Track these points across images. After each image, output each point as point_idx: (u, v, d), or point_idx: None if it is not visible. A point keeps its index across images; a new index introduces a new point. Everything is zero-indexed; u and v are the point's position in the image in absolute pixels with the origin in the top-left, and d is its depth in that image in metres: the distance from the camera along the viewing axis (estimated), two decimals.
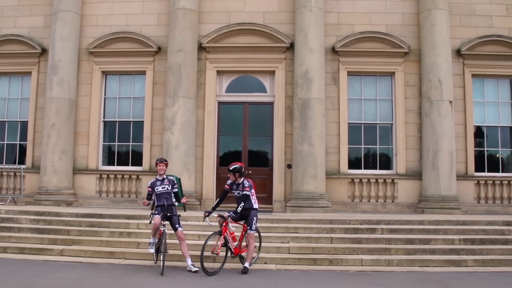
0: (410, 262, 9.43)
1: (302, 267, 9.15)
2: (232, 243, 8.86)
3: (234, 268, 8.91)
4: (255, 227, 8.89)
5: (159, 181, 9.20)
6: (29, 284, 7.40)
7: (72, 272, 8.39)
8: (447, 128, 13.77)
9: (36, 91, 14.97)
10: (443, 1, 14.23)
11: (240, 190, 8.98)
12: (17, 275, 8.01)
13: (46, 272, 8.28)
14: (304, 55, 13.92)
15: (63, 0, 14.58)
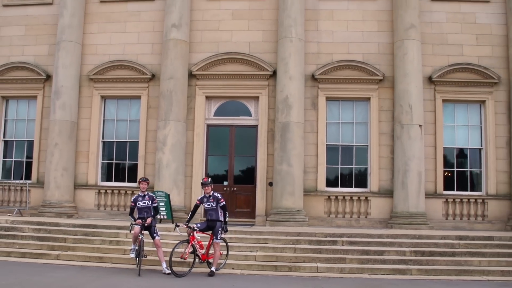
0: (361, 270, 11.03)
1: (264, 273, 10.81)
2: (199, 250, 10.58)
3: (203, 272, 10.61)
4: (220, 237, 10.60)
5: (140, 197, 10.99)
6: (25, 280, 9.18)
7: (64, 272, 10.16)
8: (416, 150, 15.37)
9: (41, 114, 16.93)
10: (415, 32, 15.89)
11: (212, 201, 10.71)
12: (16, 274, 9.80)
13: (42, 272, 10.07)
14: (284, 83, 15.70)
15: (65, 31, 16.56)
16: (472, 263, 11.47)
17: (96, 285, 9.15)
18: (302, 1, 16.24)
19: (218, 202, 10.75)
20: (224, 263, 11.06)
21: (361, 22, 16.62)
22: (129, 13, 17.18)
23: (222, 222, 10.73)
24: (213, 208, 10.72)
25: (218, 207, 10.73)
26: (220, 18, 16.84)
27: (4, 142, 17.38)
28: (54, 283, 9.13)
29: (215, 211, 10.71)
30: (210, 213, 10.77)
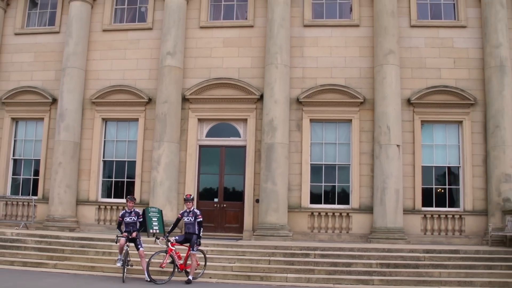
0: (326, 280, 12.26)
1: (237, 281, 12.11)
2: (177, 261, 11.92)
3: (182, 280, 11.94)
4: (196, 249, 11.92)
5: (127, 213, 12.40)
6: (21, 284, 10.65)
7: (58, 279, 11.61)
8: (393, 169, 16.51)
9: (48, 134, 18.55)
10: (394, 57, 17.12)
11: (191, 216, 12.07)
12: (15, 279, 11.26)
13: (38, 278, 11.53)
14: (270, 106, 17.04)
15: (70, 58, 18.22)
16: (433, 275, 12.60)
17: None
18: (288, 29, 17.63)
19: (196, 217, 12.11)
20: (202, 273, 12.37)
21: (344, 48, 17.93)
22: (129, 41, 18.78)
23: (199, 235, 12.03)
24: (191, 222, 12.07)
25: (195, 222, 12.06)
26: (212, 45, 18.33)
27: (14, 161, 19.05)
28: (47, 287, 10.52)
29: (192, 225, 12.06)
30: (188, 226, 12.12)
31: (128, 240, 12.03)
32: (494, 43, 17.05)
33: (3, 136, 18.86)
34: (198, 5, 18.62)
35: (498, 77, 16.80)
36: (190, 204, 12.41)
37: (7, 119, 18.95)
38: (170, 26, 17.89)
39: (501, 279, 12.35)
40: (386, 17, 17.28)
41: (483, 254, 13.83)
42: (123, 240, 11.97)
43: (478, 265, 13.15)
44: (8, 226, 17.52)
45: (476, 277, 12.43)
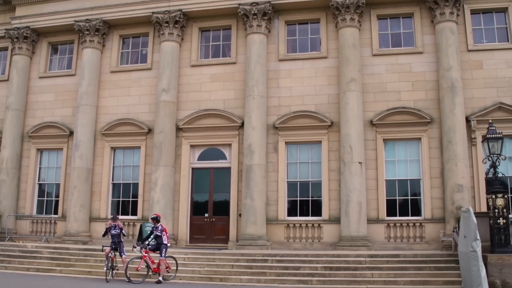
0: (273, 281, 15.10)
1: (201, 282, 15.20)
2: (151, 265, 14.97)
3: (154, 281, 14.98)
4: (164, 255, 14.97)
5: (113, 227, 15.69)
6: (29, 284, 13.98)
7: (58, 281, 15.12)
8: (356, 183, 19.05)
9: (66, 162, 22.31)
10: (355, 84, 19.74)
11: (159, 231, 15.21)
12: (24, 281, 14.75)
13: (43, 281, 15.09)
14: (248, 132, 20.03)
15: (83, 97, 21.92)
16: (366, 276, 15.24)
17: (73, 286, 13.74)
18: (264, 65, 20.66)
19: (163, 231, 15.17)
20: (174, 276, 15.47)
21: (314, 78, 20.76)
22: (132, 80, 22.34)
23: (166, 244, 15.08)
24: (159, 235, 15.15)
25: (162, 234, 15.07)
26: (202, 81, 21.61)
27: (39, 185, 22.95)
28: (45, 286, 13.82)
29: (160, 237, 15.09)
30: (157, 238, 15.13)
31: (112, 249, 15.19)
32: (445, 66, 19.44)
33: (30, 164, 22.81)
34: (189, 46, 22.00)
35: (449, 97, 19.13)
36: (155, 222, 15.62)
37: (33, 150, 22.96)
38: (164, 67, 21.29)
39: (423, 278, 14.84)
40: (348, 49, 19.99)
41: (420, 257, 16.22)
42: (108, 249, 15.26)
43: (410, 267, 15.64)
44: (33, 241, 21.29)
45: (402, 277, 14.96)
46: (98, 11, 22.42)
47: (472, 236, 13.35)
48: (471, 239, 13.36)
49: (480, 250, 13.28)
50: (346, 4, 20.06)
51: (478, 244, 13.16)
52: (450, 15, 19.67)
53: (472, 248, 13.21)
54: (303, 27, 21.53)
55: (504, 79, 19.57)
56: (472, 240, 13.27)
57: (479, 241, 13.22)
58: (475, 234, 13.25)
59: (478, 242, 13.19)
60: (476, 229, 13.31)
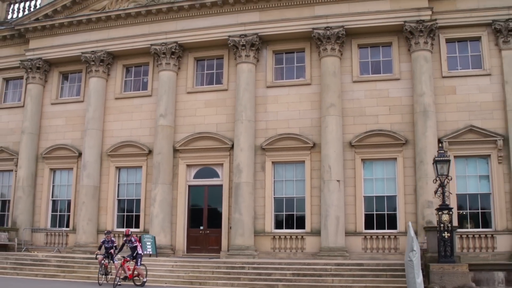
0: (245, 285, 18.14)
1: (182, 286, 18.32)
2: (127, 272, 18.35)
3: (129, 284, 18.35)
4: (140, 263, 18.23)
5: (106, 241, 19.06)
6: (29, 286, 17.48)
7: (59, 284, 18.39)
8: (334, 200, 22.03)
9: (76, 180, 25.85)
10: (335, 109, 22.74)
11: (131, 243, 18.43)
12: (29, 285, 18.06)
13: (45, 284, 18.36)
14: (237, 153, 23.27)
15: (90, 122, 25.47)
16: (327, 281, 18.16)
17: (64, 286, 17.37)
18: (252, 91, 23.87)
19: (136, 242, 18.47)
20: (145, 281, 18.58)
21: (298, 103, 23.85)
22: (134, 106, 25.83)
23: (141, 254, 18.44)
24: (133, 246, 18.42)
25: (138, 246, 18.41)
26: (196, 106, 24.92)
27: (52, 201, 26.51)
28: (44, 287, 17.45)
29: (136, 248, 18.40)
30: (133, 249, 18.44)
31: (105, 257, 18.72)
32: (419, 92, 22.22)
33: (44, 182, 26.45)
34: (186, 75, 25.38)
35: (422, 120, 21.94)
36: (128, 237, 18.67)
37: (46, 169, 26.55)
38: (162, 94, 24.73)
39: (377, 284, 17.70)
40: (329, 77, 23.06)
41: (382, 266, 19.10)
42: (101, 257, 18.67)
43: (369, 274, 18.50)
44: (47, 251, 24.75)
45: (358, 283, 17.79)
46: (103, 43, 25.93)
47: (409, 247, 16.41)
48: (408, 250, 16.42)
49: (418, 260, 16.26)
50: (327, 35, 23.16)
51: (414, 254, 16.02)
52: (424, 44, 22.50)
53: (409, 258, 16.14)
54: (289, 56, 24.60)
55: (476, 103, 22.19)
56: (409, 251, 16.18)
57: (415, 251, 16.05)
58: (411, 245, 16.17)
59: (415, 253, 16.03)
60: (413, 241, 16.23)
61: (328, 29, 23.18)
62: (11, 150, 27.25)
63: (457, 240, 21.14)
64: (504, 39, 22.30)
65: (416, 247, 16.33)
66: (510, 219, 21.15)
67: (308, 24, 23.70)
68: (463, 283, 16.85)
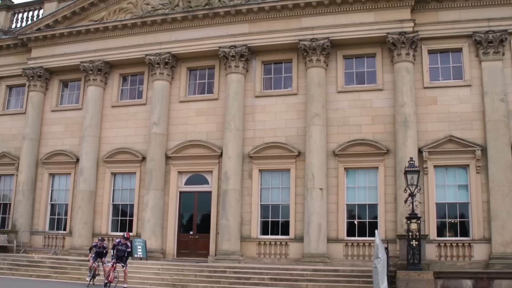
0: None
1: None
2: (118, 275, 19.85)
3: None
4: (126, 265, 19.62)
5: (97, 246, 20.59)
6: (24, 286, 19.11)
7: (49, 284, 20.00)
8: (317, 207, 23.26)
9: (73, 185, 27.53)
10: (319, 119, 23.96)
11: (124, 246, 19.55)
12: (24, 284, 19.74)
13: (36, 283, 19.99)
14: (225, 161, 24.69)
15: (87, 129, 27.12)
16: (301, 286, 19.51)
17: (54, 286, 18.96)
18: (241, 101, 25.23)
19: (127, 247, 19.75)
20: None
21: (285, 112, 25.16)
22: (129, 114, 27.41)
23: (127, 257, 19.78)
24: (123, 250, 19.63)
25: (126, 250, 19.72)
26: (188, 115, 26.39)
27: (51, 205, 28.27)
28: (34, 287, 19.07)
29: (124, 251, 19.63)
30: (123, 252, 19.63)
31: (95, 260, 20.26)
32: (400, 103, 23.30)
33: (43, 187, 28.19)
34: (179, 84, 26.87)
35: (402, 130, 23.03)
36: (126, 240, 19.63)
37: (45, 174, 28.29)
38: (155, 103, 26.26)
39: None
40: (314, 87, 24.30)
41: (356, 273, 20.33)
42: (91, 261, 20.23)
43: (342, 280, 19.77)
44: (44, 253, 26.40)
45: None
46: (101, 53, 27.52)
47: (375, 254, 17.72)
48: (374, 257, 17.73)
49: (383, 266, 17.56)
50: (313, 47, 24.40)
51: (379, 261, 17.34)
52: (406, 55, 23.59)
53: (374, 264, 17.53)
54: (277, 66, 25.85)
55: (456, 114, 23.18)
56: (375, 258, 17.56)
57: (380, 258, 17.36)
58: (377, 253, 17.49)
59: (379, 260, 17.34)
60: (378, 248, 17.58)
61: (313, 41, 24.42)
62: (12, 155, 29.07)
63: (435, 248, 22.41)
64: (484, 50, 23.23)
65: (381, 254, 17.62)
66: (487, 228, 22.05)
67: (295, 35, 24.96)
68: None
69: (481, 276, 19.33)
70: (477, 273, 19.72)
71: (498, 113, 22.65)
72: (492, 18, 23.37)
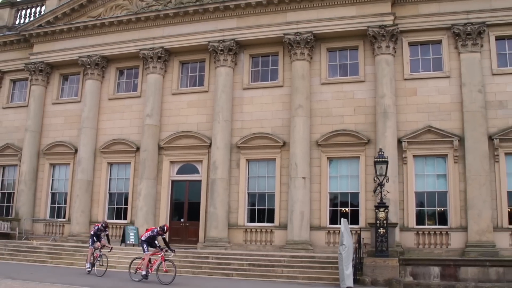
0: (204, 273, 20.73)
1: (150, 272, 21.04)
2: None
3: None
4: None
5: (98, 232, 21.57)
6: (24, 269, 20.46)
7: (47, 269, 21.36)
8: (299, 196, 24.28)
9: (72, 175, 28.99)
10: (302, 110, 24.91)
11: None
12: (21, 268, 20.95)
13: (35, 268, 21.37)
14: (214, 151, 25.85)
15: (85, 121, 28.53)
16: (277, 271, 20.55)
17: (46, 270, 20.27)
18: (230, 93, 26.33)
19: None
20: None
21: (271, 104, 26.18)
22: (125, 106, 28.72)
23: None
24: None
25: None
26: (180, 107, 27.60)
27: (52, 194, 29.78)
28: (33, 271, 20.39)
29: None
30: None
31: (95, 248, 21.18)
32: (380, 94, 24.16)
33: (44, 176, 29.75)
34: (171, 77, 28.08)
35: (382, 121, 23.90)
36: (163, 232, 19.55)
37: (46, 164, 29.85)
38: (149, 95, 27.51)
39: (320, 275, 19.93)
40: (298, 79, 25.27)
41: (332, 259, 21.15)
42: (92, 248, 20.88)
43: (316, 266, 20.82)
44: (44, 240, 28.00)
45: (304, 274, 20.11)
46: (98, 48, 28.92)
47: (340, 241, 18.66)
48: (339, 244, 18.68)
49: (347, 253, 18.46)
50: (297, 40, 25.32)
51: (343, 248, 18.26)
52: (386, 48, 24.39)
53: (339, 251, 18.49)
54: (265, 60, 26.93)
55: (435, 104, 23.99)
56: (340, 245, 18.54)
57: (344, 245, 18.28)
58: (341, 240, 18.47)
59: (344, 247, 18.27)
60: (342, 236, 18.46)
61: (297, 35, 25.35)
62: (16, 147, 30.71)
63: (414, 236, 23.34)
64: (463, 42, 23.90)
65: (346, 241, 18.57)
66: (464, 216, 22.86)
67: (280, 30, 25.96)
68: (392, 276, 19.01)
69: (448, 263, 20.12)
70: (444, 260, 20.52)
71: (475, 104, 23.31)
72: (470, 11, 24.01)
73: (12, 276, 18.35)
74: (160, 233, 18.98)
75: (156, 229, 19.11)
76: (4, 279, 17.57)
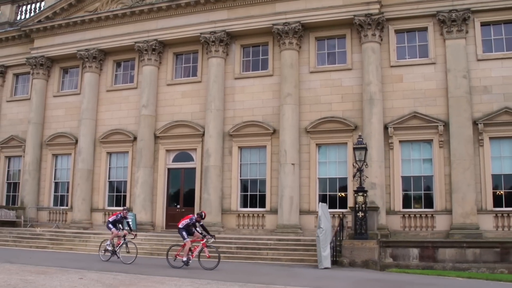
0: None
1: (143, 256, 21.94)
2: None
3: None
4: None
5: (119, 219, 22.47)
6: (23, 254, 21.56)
7: (46, 254, 22.42)
8: (289, 181, 25.10)
9: (73, 165, 30.11)
10: (291, 98, 25.65)
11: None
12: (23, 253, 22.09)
13: (35, 253, 22.48)
14: (207, 139, 26.74)
15: (84, 112, 29.58)
16: (262, 254, 21.51)
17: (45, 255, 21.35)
18: (221, 83, 27.16)
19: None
20: None
21: (262, 93, 26.96)
22: (123, 97, 29.71)
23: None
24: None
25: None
26: (175, 97, 28.51)
27: (55, 183, 30.94)
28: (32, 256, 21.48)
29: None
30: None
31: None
32: (366, 81, 24.80)
33: (47, 166, 30.95)
34: (166, 68, 28.98)
35: (368, 108, 24.57)
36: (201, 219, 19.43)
37: (49, 155, 31.04)
38: (145, 86, 28.44)
39: (302, 257, 20.92)
40: (287, 68, 25.99)
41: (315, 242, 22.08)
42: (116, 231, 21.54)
43: (300, 249, 21.72)
44: (48, 227, 29.25)
45: (287, 256, 21.11)
46: (95, 42, 29.88)
47: (318, 224, 19.46)
48: (317, 227, 19.48)
49: (325, 236, 19.29)
50: (285, 30, 25.99)
51: (321, 231, 19.14)
52: (372, 36, 24.97)
53: (317, 234, 19.30)
54: (255, 50, 27.68)
55: (420, 91, 24.56)
56: (317, 228, 19.37)
57: (322, 229, 19.17)
58: (319, 223, 19.31)
59: (321, 230, 19.15)
60: (320, 219, 19.34)
61: (286, 25, 26.03)
62: (20, 138, 31.96)
63: (400, 219, 24.11)
64: (448, 29, 24.36)
65: (323, 224, 19.41)
66: (448, 200, 23.51)
67: (269, 20, 26.65)
68: (369, 257, 19.88)
69: (426, 245, 20.81)
70: (423, 242, 21.19)
71: (460, 89, 23.83)
72: None
73: (11, 261, 19.39)
74: (198, 219, 18.90)
75: (194, 217, 19.06)
76: (3, 263, 18.62)
